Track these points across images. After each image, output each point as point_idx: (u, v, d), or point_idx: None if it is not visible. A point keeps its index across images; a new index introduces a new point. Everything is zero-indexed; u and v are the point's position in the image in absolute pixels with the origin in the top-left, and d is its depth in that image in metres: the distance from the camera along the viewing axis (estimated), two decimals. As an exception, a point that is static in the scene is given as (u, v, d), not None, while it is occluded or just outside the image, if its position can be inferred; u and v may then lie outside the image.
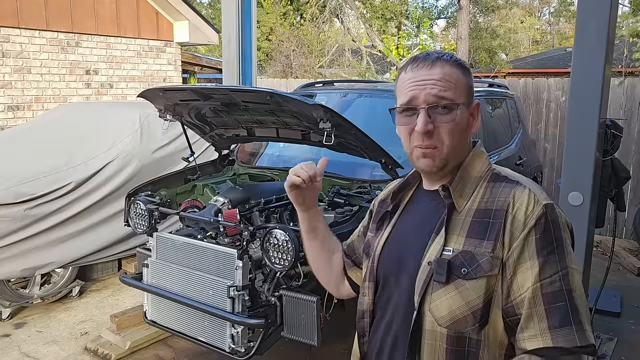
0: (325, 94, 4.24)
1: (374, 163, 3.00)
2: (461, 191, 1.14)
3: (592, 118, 2.93)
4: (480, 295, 1.05)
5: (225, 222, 2.75)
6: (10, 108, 6.69)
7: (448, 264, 1.06)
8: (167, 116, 3.22)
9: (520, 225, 1.05)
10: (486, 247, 1.06)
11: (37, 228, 3.92)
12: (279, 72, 17.76)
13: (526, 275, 1.03)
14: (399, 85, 1.17)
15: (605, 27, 2.83)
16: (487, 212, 1.09)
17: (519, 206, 1.06)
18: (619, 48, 10.42)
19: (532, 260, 1.03)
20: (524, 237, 1.04)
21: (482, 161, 1.19)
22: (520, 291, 1.03)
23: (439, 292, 1.07)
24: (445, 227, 1.10)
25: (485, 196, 1.12)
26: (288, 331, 2.61)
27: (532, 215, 1.05)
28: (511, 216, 1.06)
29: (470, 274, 1.05)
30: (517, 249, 1.04)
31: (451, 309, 1.06)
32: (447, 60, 1.14)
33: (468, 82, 1.16)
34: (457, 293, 1.06)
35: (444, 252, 1.08)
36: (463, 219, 1.11)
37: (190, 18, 8.24)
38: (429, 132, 1.11)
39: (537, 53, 22.87)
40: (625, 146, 5.89)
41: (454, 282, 1.06)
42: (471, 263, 1.06)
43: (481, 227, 1.08)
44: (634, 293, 4.62)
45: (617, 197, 3.46)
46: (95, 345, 3.51)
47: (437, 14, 24.36)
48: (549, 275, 1.02)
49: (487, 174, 1.17)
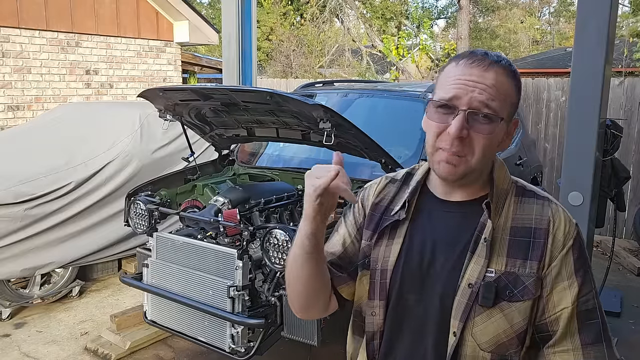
0: (325, 94, 4.24)
1: (374, 163, 3.00)
2: (494, 206, 1.07)
3: (592, 118, 2.94)
4: (525, 317, 1.03)
5: (225, 222, 2.75)
6: (10, 108, 6.69)
7: (496, 288, 1.02)
8: (167, 116, 3.22)
9: (560, 244, 1.04)
10: (531, 268, 1.03)
11: (37, 228, 3.92)
12: (279, 72, 17.77)
13: (564, 294, 1.03)
14: (444, 77, 1.05)
15: (605, 27, 2.83)
16: (526, 231, 1.05)
17: (558, 225, 1.05)
18: (619, 48, 10.43)
19: (570, 280, 1.03)
20: (562, 257, 1.04)
21: (504, 172, 1.12)
22: (556, 309, 1.03)
23: (482, 316, 1.02)
24: (490, 248, 1.04)
25: (517, 212, 1.07)
26: (288, 331, 2.61)
27: (569, 235, 1.05)
28: (552, 236, 1.04)
29: (516, 296, 1.02)
30: (555, 268, 1.03)
31: (497, 333, 1.02)
32: (504, 67, 1.03)
33: (517, 98, 1.07)
34: (502, 316, 1.02)
35: (487, 274, 1.03)
36: (500, 237, 1.05)
37: (190, 18, 8.24)
38: (461, 137, 1.00)
39: (537, 53, 22.85)
40: (625, 146, 5.89)
41: (499, 305, 1.02)
42: (516, 285, 1.02)
43: (521, 246, 1.04)
44: (634, 293, 4.62)
45: (617, 197, 3.46)
46: (95, 345, 3.51)
47: (437, 14, 24.39)
48: (585, 293, 1.04)
49: (512, 187, 1.11)
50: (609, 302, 4.16)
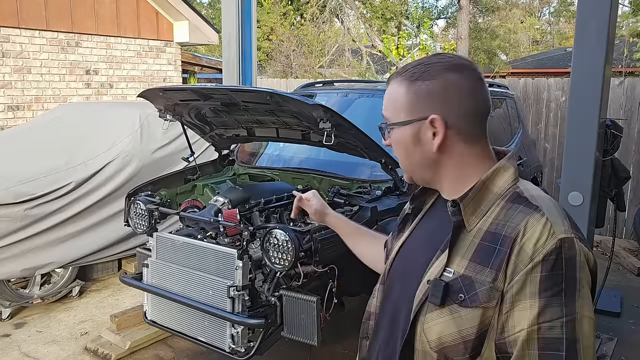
0: (325, 94, 4.24)
1: (374, 163, 3.00)
2: (475, 208, 1.03)
3: (592, 118, 2.94)
4: (474, 325, 0.96)
5: (225, 222, 2.75)
6: (10, 108, 6.69)
7: (445, 287, 0.99)
8: (167, 116, 3.22)
9: (527, 258, 0.93)
10: (487, 276, 0.96)
11: (37, 228, 3.92)
12: (279, 72, 17.77)
13: (523, 315, 0.93)
14: None
15: (605, 27, 2.83)
16: (495, 237, 0.98)
17: (529, 237, 0.95)
18: (619, 48, 10.43)
19: (532, 300, 0.92)
20: (528, 272, 0.93)
21: (506, 177, 1.06)
22: (514, 330, 0.93)
23: (432, 314, 1.01)
24: (450, 246, 1.02)
25: (498, 217, 1.01)
26: (288, 331, 2.61)
27: (541, 250, 0.93)
28: (518, 246, 0.95)
29: (466, 302, 0.97)
30: (518, 284, 0.93)
31: (442, 334, 0.99)
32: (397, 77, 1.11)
33: (411, 98, 1.06)
34: (451, 319, 0.98)
35: (444, 272, 1.01)
36: (471, 240, 1.01)
37: (190, 18, 8.24)
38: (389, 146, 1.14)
39: (537, 53, 22.88)
40: (625, 146, 5.89)
41: (449, 306, 0.98)
42: (469, 290, 0.97)
43: (487, 252, 0.98)
44: (634, 293, 4.62)
45: (617, 197, 3.46)
46: (95, 345, 3.51)
47: (437, 14, 24.39)
48: (549, 319, 0.91)
49: (509, 192, 1.04)
50: (609, 302, 4.17)
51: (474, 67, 1.08)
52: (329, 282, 2.64)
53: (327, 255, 2.50)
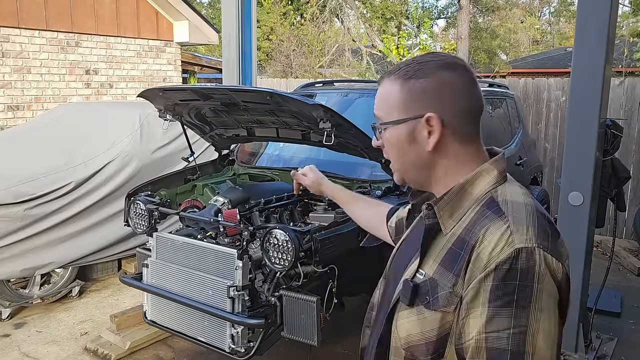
0: (325, 94, 4.24)
1: (374, 163, 3.00)
2: (452, 211, 1.03)
3: (592, 118, 2.94)
4: (434, 328, 0.98)
5: (225, 222, 2.75)
6: (10, 108, 6.69)
7: (414, 288, 1.01)
8: (167, 116, 3.22)
9: (481, 266, 0.92)
10: (449, 281, 0.97)
11: (37, 228, 3.92)
12: (279, 72, 17.77)
13: (475, 323, 0.92)
14: None
15: (605, 27, 2.83)
16: (463, 242, 0.98)
17: (486, 245, 0.93)
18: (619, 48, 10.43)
19: (482, 308, 0.91)
20: (480, 280, 0.92)
21: (487, 180, 1.04)
22: (467, 337, 0.93)
23: (403, 313, 1.03)
24: (422, 248, 1.03)
25: (470, 223, 1.00)
26: (288, 331, 2.61)
27: (495, 258, 0.91)
28: (476, 253, 0.94)
29: (429, 304, 0.99)
30: (472, 291, 0.93)
31: (408, 333, 1.02)
32: (389, 76, 1.08)
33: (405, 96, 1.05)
34: (417, 319, 1.00)
35: (416, 274, 1.03)
36: (444, 244, 1.02)
37: (190, 18, 8.24)
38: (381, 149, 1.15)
39: (537, 53, 22.87)
40: (626, 146, 5.89)
41: (417, 307, 1.00)
42: (433, 293, 0.99)
43: (453, 257, 0.98)
44: (634, 293, 4.62)
45: (617, 197, 3.46)
46: (95, 345, 3.51)
47: (437, 13, 24.40)
48: (495, 329, 0.90)
49: (486, 196, 1.02)
50: (609, 302, 4.17)
51: (467, 66, 1.06)
52: (329, 282, 2.64)
53: (327, 255, 2.50)
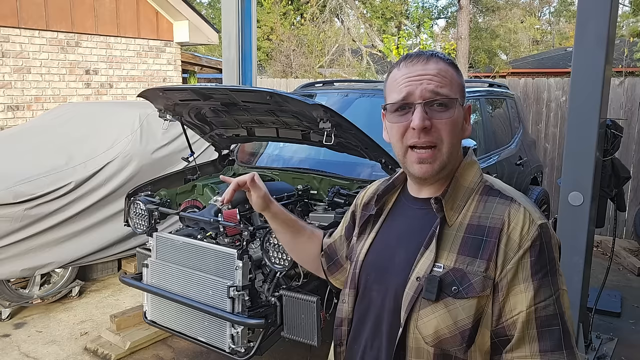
0: (325, 94, 4.24)
1: (374, 163, 3.00)
2: (452, 203, 1.08)
3: (592, 118, 2.93)
4: (470, 315, 1.01)
5: (225, 222, 2.75)
6: (10, 108, 6.69)
7: (439, 282, 1.02)
8: (167, 116, 3.22)
9: (515, 246, 1.01)
10: (479, 266, 1.01)
11: (37, 228, 3.92)
12: (279, 72, 17.76)
13: (519, 298, 1.00)
14: (391, 83, 1.12)
15: (605, 27, 2.83)
16: (480, 229, 1.04)
17: (514, 226, 1.02)
18: (619, 48, 10.42)
19: (526, 283, 1.00)
20: (519, 258, 1.00)
21: (473, 171, 1.13)
22: (512, 313, 1.00)
23: (426, 310, 1.03)
24: (438, 242, 1.05)
25: (477, 210, 1.07)
26: (288, 331, 2.61)
27: (527, 237, 1.01)
28: (506, 236, 1.02)
29: (461, 293, 1.01)
30: (511, 271, 1.00)
31: (439, 328, 1.02)
32: (440, 57, 1.10)
33: (461, 82, 1.11)
34: (446, 312, 1.02)
35: (434, 268, 1.04)
36: (454, 234, 1.06)
37: (190, 18, 8.23)
38: (425, 129, 1.05)
39: (537, 53, 22.86)
40: (626, 146, 5.89)
41: (444, 300, 1.02)
42: (462, 282, 1.01)
43: (474, 244, 1.03)
44: (634, 293, 4.62)
45: (617, 197, 3.45)
46: (95, 345, 3.50)
47: (437, 13, 24.39)
48: (543, 298, 0.99)
49: (479, 186, 1.11)
50: (609, 302, 4.17)
51: None
52: (329, 282, 2.63)
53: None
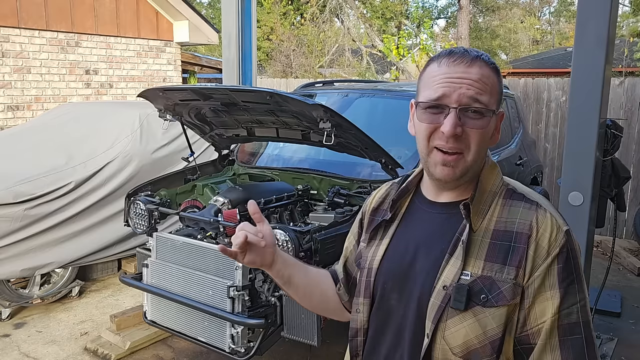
0: (325, 94, 4.24)
1: (374, 163, 3.00)
2: (477, 208, 1.04)
3: (592, 118, 2.93)
4: (500, 324, 0.98)
5: (225, 222, 2.75)
6: (10, 108, 6.69)
7: (468, 290, 0.98)
8: (167, 116, 3.22)
9: (544, 253, 0.98)
10: (508, 273, 0.98)
11: (37, 228, 3.92)
12: (279, 72, 17.77)
13: (546, 305, 0.97)
14: (428, 78, 1.04)
15: (605, 27, 2.82)
16: (508, 235, 1.00)
17: (543, 232, 0.99)
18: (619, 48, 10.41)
19: (553, 291, 0.97)
20: (547, 266, 0.98)
21: (495, 174, 1.09)
22: (538, 321, 0.98)
23: (454, 320, 0.99)
24: (466, 249, 1.01)
25: (503, 215, 1.03)
26: (288, 331, 2.61)
27: (555, 244, 0.98)
28: (534, 242, 0.98)
29: (490, 302, 0.97)
30: (539, 278, 0.98)
31: (468, 338, 0.98)
32: (485, 61, 1.03)
33: (501, 90, 1.06)
34: (474, 321, 0.98)
35: (461, 276, 1.00)
36: (480, 240, 1.02)
37: (190, 18, 8.24)
38: (456, 135, 1.00)
39: (537, 53, 22.86)
40: (626, 146, 5.89)
41: (472, 309, 0.98)
42: (491, 290, 0.98)
43: (501, 250, 1.00)
44: (634, 293, 4.62)
45: (618, 197, 3.45)
46: (95, 345, 3.50)
47: (437, 13, 24.40)
48: (568, 305, 0.97)
49: (502, 189, 1.07)
50: (609, 302, 4.17)
51: None
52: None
53: (327, 255, 2.49)
